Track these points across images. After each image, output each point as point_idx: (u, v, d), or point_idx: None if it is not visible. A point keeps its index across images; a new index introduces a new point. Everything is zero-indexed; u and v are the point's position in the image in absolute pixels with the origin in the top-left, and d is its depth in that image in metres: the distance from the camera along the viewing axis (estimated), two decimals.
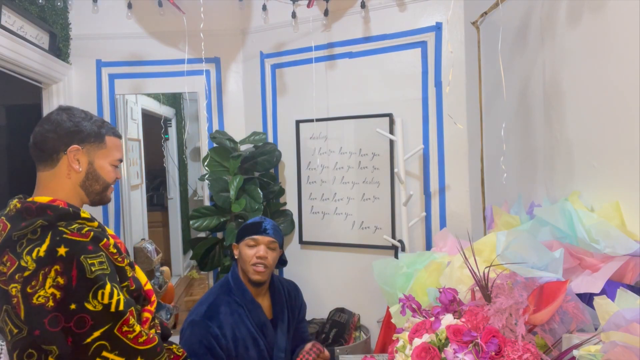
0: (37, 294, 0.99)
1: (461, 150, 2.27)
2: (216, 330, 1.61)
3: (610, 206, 1.07)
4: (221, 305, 1.68)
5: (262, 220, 1.79)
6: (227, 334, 1.63)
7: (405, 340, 1.01)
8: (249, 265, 1.72)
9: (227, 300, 1.70)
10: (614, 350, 0.77)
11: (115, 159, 1.25)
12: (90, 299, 1.02)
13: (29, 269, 1.00)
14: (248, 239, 1.74)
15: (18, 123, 3.73)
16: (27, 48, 2.27)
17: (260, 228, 1.75)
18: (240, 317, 1.68)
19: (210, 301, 1.69)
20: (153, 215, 4.54)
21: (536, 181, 1.51)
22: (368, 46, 2.46)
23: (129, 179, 3.13)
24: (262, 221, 1.78)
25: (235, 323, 1.66)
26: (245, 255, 1.74)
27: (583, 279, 1.03)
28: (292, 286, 1.94)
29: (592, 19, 1.15)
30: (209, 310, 1.66)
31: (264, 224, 1.77)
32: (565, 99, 1.30)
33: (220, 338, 1.61)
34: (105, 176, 1.22)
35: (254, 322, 1.70)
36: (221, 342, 1.61)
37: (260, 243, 1.73)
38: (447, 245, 1.63)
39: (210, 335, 1.60)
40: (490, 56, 1.87)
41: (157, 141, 4.18)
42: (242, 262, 1.75)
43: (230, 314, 1.67)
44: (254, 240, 1.74)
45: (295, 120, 2.65)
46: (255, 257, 1.71)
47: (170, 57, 2.75)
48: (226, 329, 1.63)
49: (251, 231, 1.75)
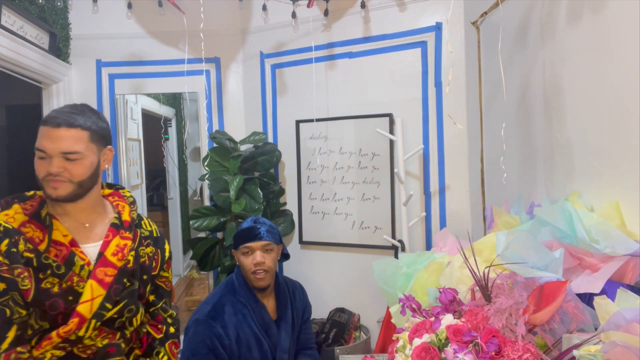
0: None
1: (461, 150, 2.27)
2: (219, 330, 1.62)
3: (610, 206, 1.07)
4: (226, 305, 1.69)
5: (254, 224, 1.76)
6: (231, 334, 1.63)
7: (405, 340, 1.01)
8: (249, 273, 1.72)
9: (231, 300, 1.70)
10: (614, 350, 0.77)
11: (36, 147, 1.11)
12: None
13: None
14: (242, 247, 1.73)
15: (18, 123, 3.73)
16: (27, 48, 2.27)
17: (252, 234, 1.73)
18: (245, 317, 1.68)
19: (215, 301, 1.70)
20: (153, 215, 4.54)
21: (536, 181, 1.51)
22: (368, 46, 2.46)
23: (129, 179, 3.12)
24: (254, 225, 1.76)
25: (239, 323, 1.66)
26: (243, 264, 1.73)
27: (583, 279, 1.03)
28: (297, 287, 1.94)
29: (592, 19, 1.15)
30: (213, 310, 1.66)
31: (255, 229, 1.74)
32: (565, 99, 1.30)
33: (223, 338, 1.61)
34: (36, 169, 1.13)
35: (258, 322, 1.70)
36: (224, 342, 1.61)
37: (254, 249, 1.72)
38: (447, 245, 1.64)
39: (213, 335, 1.61)
40: (490, 56, 1.87)
41: (157, 141, 4.18)
42: (243, 270, 1.75)
43: (234, 313, 1.67)
44: (248, 247, 1.73)
45: (295, 120, 2.65)
46: (253, 264, 1.71)
47: (170, 57, 2.75)
48: (230, 329, 1.63)
49: (244, 238, 1.74)
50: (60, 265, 1.12)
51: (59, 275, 1.12)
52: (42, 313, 1.11)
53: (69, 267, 1.13)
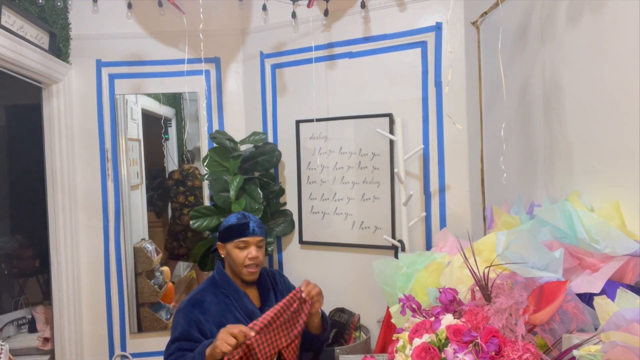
0: None
1: (461, 150, 2.27)
2: (199, 315, 1.65)
3: (610, 206, 1.07)
4: (206, 294, 1.73)
5: (247, 220, 1.80)
6: (211, 320, 1.66)
7: (405, 340, 1.01)
8: (241, 267, 1.74)
9: (213, 291, 1.75)
10: (614, 350, 0.77)
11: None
12: None
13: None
14: (237, 241, 1.75)
15: (18, 123, 3.73)
16: (27, 48, 2.27)
17: (249, 229, 1.77)
18: (227, 306, 1.71)
19: (195, 292, 1.75)
20: (153, 215, 4.53)
21: (536, 181, 1.51)
22: (368, 46, 2.46)
23: (129, 179, 3.12)
24: (248, 221, 1.79)
25: (221, 312, 1.69)
26: (236, 257, 1.75)
27: (583, 279, 1.03)
28: (276, 273, 1.99)
29: (592, 19, 1.15)
30: (192, 299, 1.71)
31: (250, 224, 1.78)
32: (565, 99, 1.30)
33: (202, 323, 1.64)
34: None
35: (242, 310, 1.72)
36: (203, 327, 1.64)
37: (250, 244, 1.76)
38: (447, 245, 1.64)
39: (192, 320, 1.64)
40: (490, 56, 1.87)
41: (157, 141, 4.18)
42: (233, 263, 1.76)
43: (217, 303, 1.71)
44: (245, 242, 1.75)
45: (295, 120, 2.65)
46: (247, 258, 1.74)
47: (170, 57, 2.75)
48: (210, 315, 1.67)
49: (240, 233, 1.76)
50: None
51: None
52: None
53: None
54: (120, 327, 2.83)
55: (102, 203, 2.81)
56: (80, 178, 2.79)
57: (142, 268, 3.02)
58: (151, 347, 2.86)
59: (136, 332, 2.89)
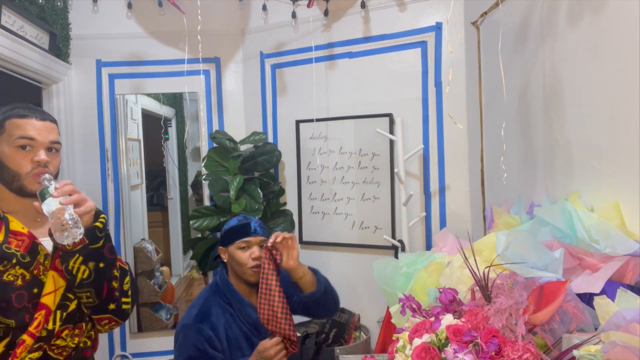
0: None
1: (461, 150, 2.27)
2: (209, 332, 1.61)
3: (610, 206, 1.07)
4: (212, 306, 1.69)
5: (248, 220, 1.78)
6: (221, 334, 1.63)
7: (405, 340, 1.01)
8: (246, 268, 1.71)
9: (217, 301, 1.71)
10: (614, 350, 0.77)
11: (15, 137, 1.13)
12: None
13: None
14: (240, 242, 1.73)
15: None
16: (27, 48, 2.27)
17: (251, 230, 1.75)
18: (232, 316, 1.69)
19: (201, 304, 1.70)
20: (153, 215, 4.53)
21: (536, 181, 1.51)
22: (368, 46, 2.46)
23: (129, 179, 3.12)
24: (250, 222, 1.78)
25: (227, 323, 1.66)
26: (239, 259, 1.73)
27: (583, 279, 1.03)
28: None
29: (592, 19, 1.15)
30: (200, 313, 1.66)
31: (252, 224, 1.77)
32: (565, 99, 1.30)
33: (214, 340, 1.61)
34: (8, 163, 1.14)
35: (245, 320, 1.70)
36: (215, 344, 1.61)
37: (253, 244, 1.73)
38: (447, 245, 1.63)
39: (203, 338, 1.60)
40: (490, 56, 1.87)
41: (157, 141, 4.18)
42: (237, 265, 1.74)
43: (222, 314, 1.68)
44: (247, 242, 1.73)
45: (295, 120, 2.65)
46: (251, 259, 1.71)
47: (170, 57, 2.75)
48: (219, 329, 1.64)
49: (242, 233, 1.74)
50: (25, 254, 1.13)
51: (25, 265, 1.12)
52: (6, 309, 1.10)
53: (33, 256, 1.14)
54: (120, 327, 2.83)
55: (102, 203, 2.81)
56: (81, 178, 2.79)
57: (142, 268, 3.02)
58: (151, 347, 2.86)
59: (136, 332, 2.89)
